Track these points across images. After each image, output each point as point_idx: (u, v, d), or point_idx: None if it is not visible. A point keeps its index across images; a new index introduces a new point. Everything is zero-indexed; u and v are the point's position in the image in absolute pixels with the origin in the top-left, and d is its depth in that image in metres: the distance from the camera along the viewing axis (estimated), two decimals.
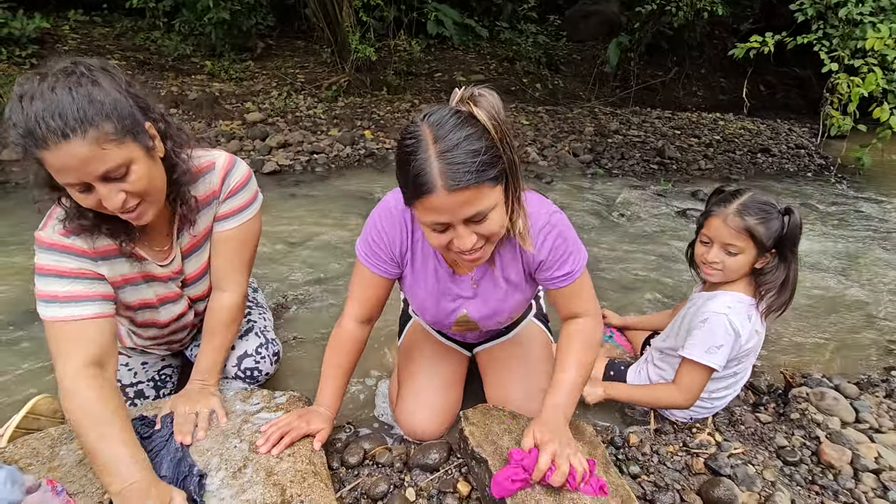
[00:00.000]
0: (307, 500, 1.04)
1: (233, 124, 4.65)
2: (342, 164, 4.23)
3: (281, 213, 3.15)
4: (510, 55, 7.17)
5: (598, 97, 7.00)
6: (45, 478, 1.08)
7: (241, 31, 5.95)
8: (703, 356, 1.32)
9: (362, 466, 1.28)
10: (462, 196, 0.87)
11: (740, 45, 4.09)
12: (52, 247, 1.09)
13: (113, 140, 0.93)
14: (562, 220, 1.13)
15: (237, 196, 1.28)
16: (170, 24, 6.04)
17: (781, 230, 1.30)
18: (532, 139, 5.07)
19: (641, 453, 1.31)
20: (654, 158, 4.93)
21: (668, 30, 6.98)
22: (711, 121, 6.69)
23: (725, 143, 5.67)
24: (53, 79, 0.91)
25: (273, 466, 1.13)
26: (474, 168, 0.86)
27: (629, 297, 2.38)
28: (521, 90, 6.76)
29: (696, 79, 8.14)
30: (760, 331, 1.42)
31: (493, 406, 1.31)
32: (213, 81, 5.53)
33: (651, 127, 6.02)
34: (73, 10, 6.03)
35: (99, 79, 0.95)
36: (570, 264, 1.14)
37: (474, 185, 0.87)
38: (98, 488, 1.07)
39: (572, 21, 8.41)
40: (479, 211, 0.91)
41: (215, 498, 1.03)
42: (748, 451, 1.33)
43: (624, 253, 2.89)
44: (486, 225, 0.93)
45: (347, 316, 1.28)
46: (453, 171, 0.85)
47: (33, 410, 1.27)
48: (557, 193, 3.85)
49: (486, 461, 1.11)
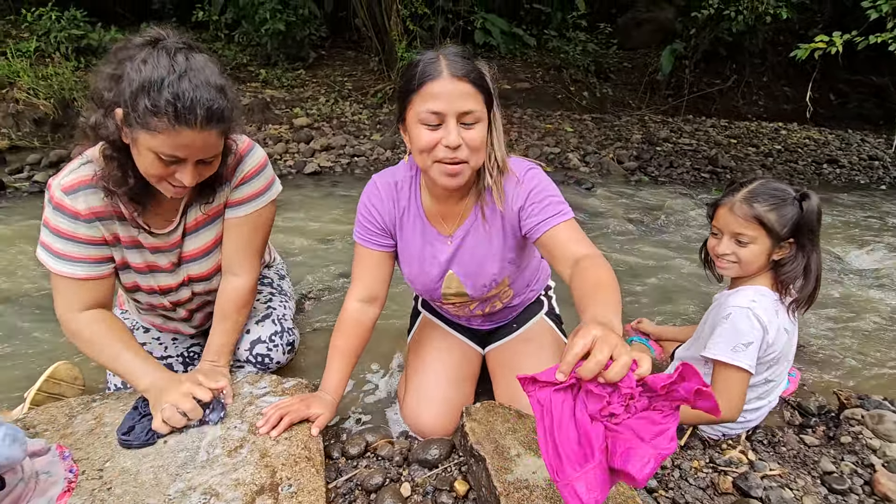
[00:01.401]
0: (296, 484, 1.02)
1: (281, 128, 4.84)
2: (381, 167, 4.27)
3: (317, 211, 3.22)
4: (557, 63, 7.07)
5: (648, 105, 6.76)
6: (56, 443, 1.12)
7: (294, 41, 6.22)
8: (729, 355, 1.20)
9: (362, 458, 1.24)
10: (461, 86, 0.99)
11: (803, 45, 3.81)
12: (52, 201, 1.14)
13: (222, 136, 1.08)
14: (538, 174, 1.17)
15: (250, 183, 1.28)
16: (230, 36, 6.41)
17: (798, 217, 1.18)
18: (575, 146, 4.95)
19: (661, 466, 1.20)
20: (706, 167, 4.67)
21: (727, 36, 6.64)
22: (772, 130, 6.29)
23: (787, 153, 5.30)
24: (196, 67, 1.01)
25: (269, 448, 1.11)
26: (473, 72, 1.01)
27: (666, 307, 2.23)
28: (568, 98, 6.64)
29: (758, 87, 7.69)
30: (791, 330, 1.28)
31: (499, 404, 1.24)
32: (265, 88, 5.80)
33: (704, 136, 5.73)
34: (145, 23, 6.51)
35: (226, 84, 1.06)
36: (554, 208, 1.12)
37: (472, 82, 1.00)
38: (100, 456, 1.09)
39: (624, 29, 8.20)
40: (472, 109, 1.00)
41: (206, 474, 1.03)
42: (786, 473, 1.18)
43: (664, 261, 2.72)
44: (472, 132, 1.02)
45: (350, 297, 1.29)
46: (456, 64, 1.00)
47: (54, 375, 1.33)
48: (597, 199, 3.71)
49: (484, 459, 1.05)
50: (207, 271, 1.36)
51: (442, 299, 1.34)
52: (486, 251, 1.22)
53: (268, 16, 5.70)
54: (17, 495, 0.93)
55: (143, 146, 1.02)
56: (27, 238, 2.63)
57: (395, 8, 5.59)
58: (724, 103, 7.24)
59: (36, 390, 1.30)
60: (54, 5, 5.21)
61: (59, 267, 1.16)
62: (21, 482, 0.94)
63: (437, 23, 6.16)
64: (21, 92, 4.63)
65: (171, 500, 0.96)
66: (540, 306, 1.50)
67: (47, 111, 4.62)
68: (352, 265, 1.30)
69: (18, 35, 5.40)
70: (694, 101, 6.89)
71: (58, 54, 5.11)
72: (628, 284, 2.43)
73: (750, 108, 7.37)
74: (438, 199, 1.20)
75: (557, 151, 4.72)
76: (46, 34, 5.19)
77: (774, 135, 6.07)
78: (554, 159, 4.61)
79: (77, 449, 1.12)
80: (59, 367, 1.37)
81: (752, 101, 7.53)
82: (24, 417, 1.24)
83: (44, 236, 1.17)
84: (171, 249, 1.29)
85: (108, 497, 0.97)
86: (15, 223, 2.83)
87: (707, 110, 6.98)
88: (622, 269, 2.59)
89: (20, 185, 3.51)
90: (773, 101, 7.53)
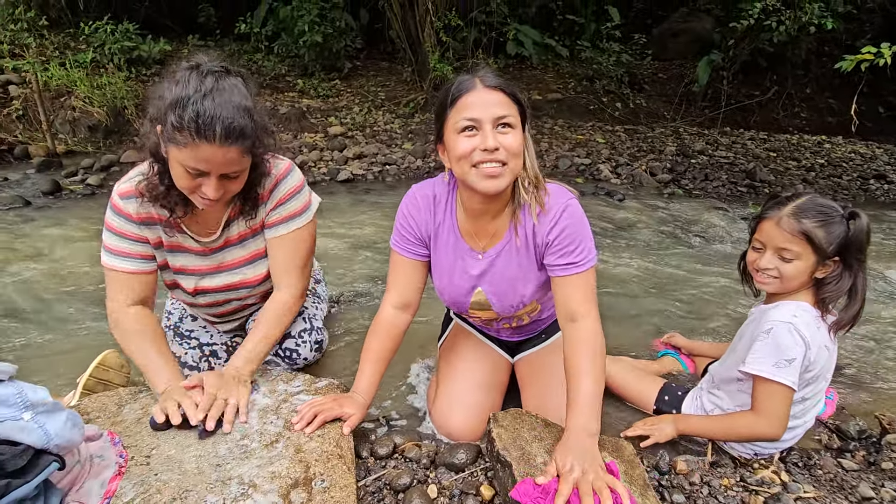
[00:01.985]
0: (328, 479, 1.06)
1: (316, 136, 4.99)
2: (412, 175, 4.36)
3: (348, 217, 3.30)
4: (590, 74, 7.04)
5: (683, 117, 6.65)
6: (108, 430, 1.19)
7: (331, 52, 6.41)
8: (771, 371, 1.18)
9: (391, 459, 1.28)
10: (495, 95, 1.06)
11: (849, 56, 3.69)
12: (111, 203, 1.30)
13: (246, 154, 1.15)
14: (578, 210, 1.17)
15: (286, 205, 1.37)
16: (270, 48, 6.66)
17: (845, 235, 1.16)
18: (606, 157, 4.91)
19: (689, 482, 1.18)
20: (743, 181, 4.56)
21: (768, 46, 6.48)
22: (815, 143, 6.08)
23: (830, 168, 5.12)
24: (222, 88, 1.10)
25: (303, 444, 1.16)
26: (506, 85, 1.09)
27: (697, 322, 2.19)
28: (600, 109, 6.59)
29: (800, 99, 7.45)
30: (831, 347, 1.25)
31: (526, 412, 1.26)
32: (302, 98, 5.99)
33: (742, 148, 5.59)
34: (192, 35, 6.84)
35: (252, 107, 1.14)
36: (578, 254, 1.14)
37: (505, 92, 1.07)
38: (147, 444, 1.16)
39: (660, 39, 8.10)
40: (506, 114, 1.06)
41: (244, 466, 1.08)
42: (822, 496, 1.15)
43: (697, 275, 2.67)
44: (509, 137, 1.06)
45: (385, 303, 1.33)
46: (490, 78, 1.08)
47: (103, 362, 1.43)
48: (628, 211, 3.67)
49: (510, 465, 1.06)
50: (249, 280, 1.45)
51: (469, 312, 1.37)
52: (516, 273, 1.23)
53: (306, 28, 5.90)
54: (75, 476, 1.00)
55: (173, 159, 1.13)
56: (82, 236, 2.81)
57: (428, 20, 5.70)
58: (764, 115, 7.04)
59: (87, 376, 1.39)
60: (109, 19, 5.54)
61: (111, 262, 1.30)
62: (78, 464, 1.01)
63: (469, 34, 6.24)
64: (78, 100, 4.93)
65: (213, 488, 1.01)
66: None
67: (101, 118, 4.91)
68: (388, 271, 1.34)
69: (76, 47, 5.76)
70: (731, 112, 6.74)
71: (111, 65, 5.43)
72: (659, 298, 2.40)
73: (791, 120, 7.15)
74: (473, 215, 1.22)
75: (588, 162, 4.70)
76: (101, 46, 5.53)
77: (817, 148, 5.87)
78: (585, 170, 4.59)
79: (126, 436, 1.20)
80: (107, 355, 1.47)
81: (794, 113, 7.30)
82: (78, 405, 1.33)
83: (104, 236, 1.31)
84: (210, 254, 1.39)
85: (155, 482, 1.03)
86: (71, 223, 3.01)
87: (745, 122, 6.81)
88: (653, 282, 2.56)
89: (75, 187, 3.74)
90: (817, 114, 7.27)
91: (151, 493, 1.00)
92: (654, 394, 1.56)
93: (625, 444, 1.18)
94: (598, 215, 3.57)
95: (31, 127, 4.77)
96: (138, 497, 0.99)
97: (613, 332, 2.10)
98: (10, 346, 1.87)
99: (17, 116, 4.76)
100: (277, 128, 5.17)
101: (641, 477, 1.08)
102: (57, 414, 0.87)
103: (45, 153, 4.39)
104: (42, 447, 0.82)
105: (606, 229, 3.33)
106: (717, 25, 7.25)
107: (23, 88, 4.91)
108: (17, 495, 0.75)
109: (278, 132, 5.03)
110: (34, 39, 5.43)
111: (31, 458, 0.79)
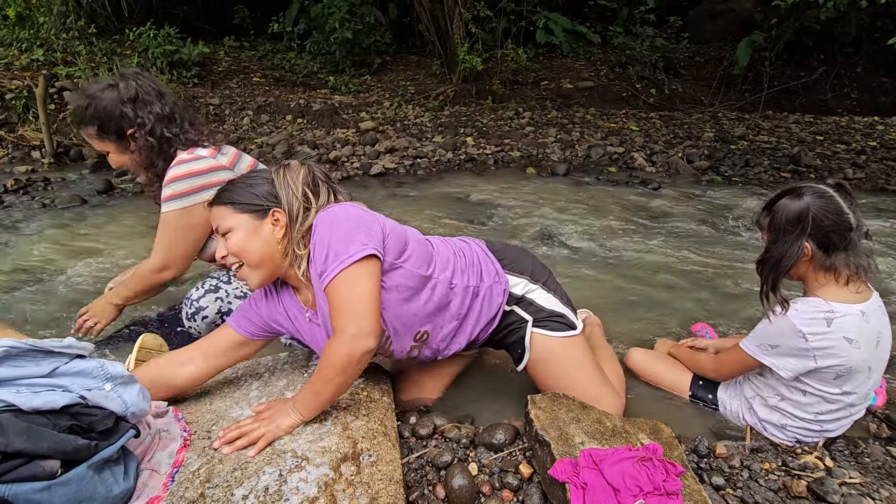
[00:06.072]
0: (375, 454, 1.12)
1: (348, 132, 5.09)
2: (443, 168, 4.39)
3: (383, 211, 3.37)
4: (623, 60, 6.88)
5: (722, 102, 6.42)
6: (172, 407, 1.29)
7: (361, 48, 6.50)
8: (754, 350, 1.33)
9: (431, 439, 1.33)
10: (214, 211, 1.22)
11: None
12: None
13: (93, 135, 1.57)
14: (327, 216, 1.14)
15: (165, 188, 1.57)
16: (302, 46, 6.81)
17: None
18: (640, 145, 4.81)
19: (729, 465, 1.18)
20: (787, 166, 4.38)
21: (815, 24, 6.15)
22: (867, 125, 5.76)
23: (884, 150, 4.85)
24: (89, 86, 1.56)
25: (349, 423, 1.22)
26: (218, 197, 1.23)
27: (738, 312, 2.15)
28: (633, 96, 6.45)
29: (850, 79, 7.07)
30: (866, 339, 1.23)
31: (563, 394, 1.28)
32: (334, 94, 6.10)
33: (786, 132, 5.36)
34: (228, 37, 7.07)
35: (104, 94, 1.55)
36: (324, 262, 1.08)
37: (219, 204, 1.20)
38: (207, 420, 1.25)
39: (697, 21, 7.83)
40: (219, 225, 1.20)
41: (296, 441, 1.15)
42: (868, 482, 1.13)
43: (737, 265, 2.61)
44: (230, 242, 1.18)
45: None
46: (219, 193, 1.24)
47: (143, 345, 1.54)
48: (664, 200, 3.60)
49: (549, 444, 1.10)
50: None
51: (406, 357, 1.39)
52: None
53: (337, 25, 6.01)
54: (146, 446, 1.09)
55: None
56: (138, 231, 2.98)
57: (457, 11, 5.70)
58: (810, 97, 6.72)
59: (134, 360, 1.50)
60: (151, 24, 5.79)
61: None
62: (149, 436, 1.11)
63: (498, 24, 6.20)
64: None
65: (270, 460, 1.09)
66: (522, 322, 1.37)
67: None
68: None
69: (122, 52, 6.06)
70: (774, 95, 6.46)
71: (155, 68, 5.68)
72: (696, 286, 2.36)
73: (840, 101, 6.79)
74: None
75: (622, 151, 4.62)
76: (145, 51, 5.79)
77: (869, 130, 5.56)
78: (618, 159, 4.52)
79: (187, 413, 1.29)
80: (145, 337, 1.58)
81: (843, 94, 6.93)
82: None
83: None
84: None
85: (216, 454, 1.12)
86: (126, 220, 3.20)
87: (789, 105, 6.51)
88: (690, 272, 2.52)
89: (125, 185, 3.95)
90: (869, 94, 6.88)
91: (214, 464, 1.08)
92: (688, 380, 1.56)
93: (663, 427, 1.20)
94: (632, 205, 3.51)
95: None
96: (203, 467, 1.08)
97: (646, 319, 2.10)
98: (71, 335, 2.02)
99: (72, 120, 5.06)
100: (311, 124, 5.30)
101: (680, 458, 1.09)
102: (132, 386, 0.96)
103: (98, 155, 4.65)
104: (121, 414, 0.90)
105: (641, 218, 3.28)
106: (758, 4, 6.94)
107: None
108: (104, 455, 0.84)
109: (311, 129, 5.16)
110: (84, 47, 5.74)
111: (113, 423, 0.88)
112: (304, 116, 5.47)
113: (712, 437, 1.40)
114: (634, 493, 0.95)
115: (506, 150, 4.69)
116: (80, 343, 0.97)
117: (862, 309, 1.23)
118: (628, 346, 1.82)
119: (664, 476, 0.98)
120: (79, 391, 0.87)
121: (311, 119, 5.41)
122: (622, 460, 1.01)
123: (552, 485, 1.06)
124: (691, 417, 1.51)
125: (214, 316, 1.71)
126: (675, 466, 1.02)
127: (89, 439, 0.82)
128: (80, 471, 0.80)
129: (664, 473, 0.99)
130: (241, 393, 1.38)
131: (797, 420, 1.31)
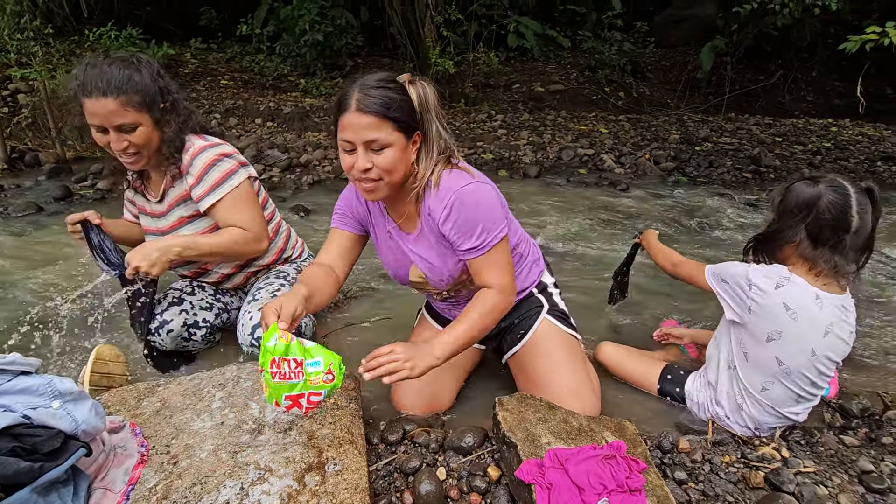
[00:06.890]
0: (340, 463, 1.10)
1: (319, 135, 5.03)
2: None
3: None
4: (592, 64, 7.01)
5: (687, 105, 6.61)
6: (130, 421, 1.25)
7: (332, 51, 6.44)
8: (709, 275, 1.42)
9: (400, 444, 1.32)
10: (365, 119, 1.11)
11: (853, 37, 3.66)
12: None
13: (127, 107, 1.40)
14: (471, 196, 1.20)
15: (207, 176, 1.51)
16: (271, 48, 6.70)
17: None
18: (610, 147, 4.91)
19: (691, 460, 1.21)
20: (748, 167, 4.53)
21: (773, 30, 6.40)
22: (821, 127, 6.01)
23: (837, 151, 5.07)
24: (111, 60, 1.42)
25: (315, 431, 1.20)
26: (378, 105, 1.11)
27: (698, 311, 2.21)
28: (603, 99, 6.57)
29: (806, 82, 7.37)
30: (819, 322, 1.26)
31: (530, 395, 1.29)
32: (305, 97, 6.02)
33: (747, 134, 5.55)
34: (194, 39, 6.90)
35: (140, 73, 1.42)
36: (475, 240, 1.22)
37: (376, 114, 1.11)
38: (167, 434, 1.21)
39: (663, 26, 8.04)
40: (377, 137, 1.12)
41: (259, 452, 1.13)
42: (822, 471, 1.18)
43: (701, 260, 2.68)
44: (380, 157, 1.14)
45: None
46: (365, 99, 1.11)
47: (99, 356, 1.48)
48: (632, 200, 3.68)
49: (515, 446, 1.10)
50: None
51: (410, 284, 1.47)
52: (435, 251, 1.33)
53: (307, 27, 5.93)
54: (100, 464, 1.05)
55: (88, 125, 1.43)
56: None
57: (428, 15, 5.71)
58: (769, 100, 6.98)
59: (89, 372, 1.45)
60: (112, 25, 5.60)
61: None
62: (103, 453, 1.06)
63: (470, 28, 6.24)
64: None
65: (231, 473, 1.06)
66: (539, 306, 1.51)
67: None
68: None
69: (81, 53, 5.84)
70: (736, 98, 6.68)
71: None
72: (664, 287, 2.41)
73: (797, 104, 7.08)
74: (387, 203, 1.35)
75: (592, 153, 4.70)
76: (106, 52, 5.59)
77: (824, 132, 5.81)
78: (588, 161, 4.59)
79: (146, 427, 1.25)
80: (101, 348, 1.52)
81: (800, 97, 7.23)
82: (99, 399, 1.38)
83: None
84: (158, 217, 1.65)
85: (175, 469, 1.08)
86: None
87: (750, 108, 6.75)
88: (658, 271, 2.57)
89: (85, 192, 3.81)
90: (823, 97, 7.19)
91: (172, 480, 1.05)
92: (657, 375, 1.59)
93: (627, 424, 1.22)
94: (602, 205, 3.58)
95: (40, 134, 4.85)
96: (160, 483, 1.04)
97: (615, 320, 2.13)
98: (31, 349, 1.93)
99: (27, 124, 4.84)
100: (282, 127, 5.21)
101: (643, 455, 1.11)
102: (83, 402, 0.92)
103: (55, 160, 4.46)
104: (71, 433, 0.87)
105: (610, 218, 3.34)
106: (719, 10, 7.17)
107: (31, 97, 4.99)
108: (50, 476, 0.80)
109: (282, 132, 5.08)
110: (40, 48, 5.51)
111: (61, 443, 0.84)
112: (275, 119, 5.38)
113: (677, 432, 1.43)
114: (598, 491, 0.96)
115: (479, 153, 4.71)
116: (26, 359, 0.93)
117: (818, 293, 1.25)
118: (597, 342, 1.84)
119: (627, 473, 1.00)
120: (22, 410, 0.83)
121: (282, 122, 5.32)
122: (587, 459, 1.02)
123: (519, 486, 1.06)
124: (658, 415, 1.54)
125: (180, 329, 1.66)
126: (637, 463, 1.03)
127: (33, 461, 0.78)
128: (23, 495, 0.77)
129: (627, 470, 1.00)
130: (203, 404, 1.34)
131: (750, 399, 1.35)
